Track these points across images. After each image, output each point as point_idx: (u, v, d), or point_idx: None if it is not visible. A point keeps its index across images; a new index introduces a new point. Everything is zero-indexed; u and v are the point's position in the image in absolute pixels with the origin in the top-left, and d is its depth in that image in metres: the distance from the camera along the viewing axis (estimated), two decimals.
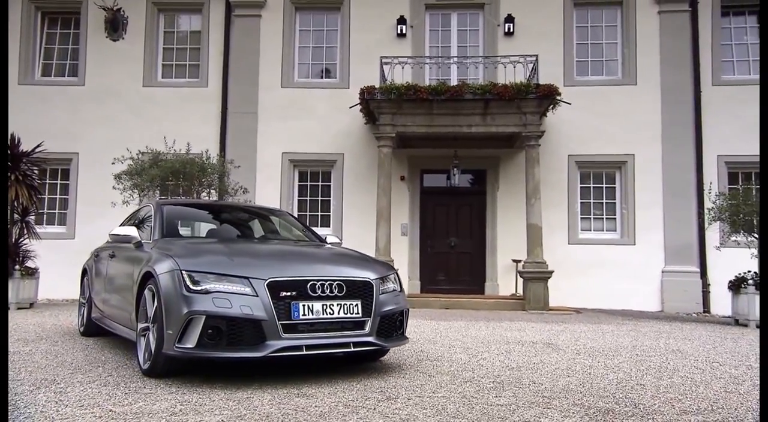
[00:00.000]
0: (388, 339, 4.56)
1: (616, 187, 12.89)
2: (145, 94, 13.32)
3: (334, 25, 13.57)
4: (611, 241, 12.62)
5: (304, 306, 4.11)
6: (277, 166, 13.04)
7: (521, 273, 11.43)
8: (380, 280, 4.59)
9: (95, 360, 4.99)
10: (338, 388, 3.96)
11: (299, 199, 13.30)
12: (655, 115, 12.65)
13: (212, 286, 4.04)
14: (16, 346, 5.62)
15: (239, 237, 5.98)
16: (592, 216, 12.90)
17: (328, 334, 4.18)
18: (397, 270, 5.22)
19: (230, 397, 3.65)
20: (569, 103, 11.60)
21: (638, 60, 12.84)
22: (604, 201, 12.92)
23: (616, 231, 12.80)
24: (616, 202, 12.86)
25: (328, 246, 5.65)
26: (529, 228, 11.32)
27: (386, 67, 11.76)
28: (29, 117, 12.84)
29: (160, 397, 3.63)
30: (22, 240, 10.61)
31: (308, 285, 4.18)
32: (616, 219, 12.84)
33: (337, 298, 4.24)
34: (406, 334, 4.91)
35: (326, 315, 4.17)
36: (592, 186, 12.96)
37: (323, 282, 4.23)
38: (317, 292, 4.18)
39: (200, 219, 6.34)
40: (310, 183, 13.36)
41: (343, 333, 4.24)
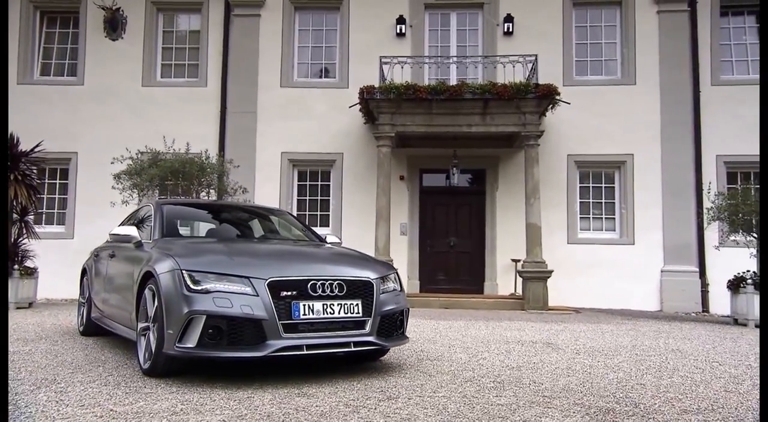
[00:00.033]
0: (388, 338, 4.56)
1: (615, 187, 12.91)
2: (144, 94, 13.32)
3: (333, 25, 13.57)
4: (610, 241, 12.64)
5: (304, 305, 4.11)
6: (276, 166, 13.04)
7: (520, 272, 11.44)
8: (380, 280, 4.60)
9: (95, 359, 4.99)
10: (339, 388, 3.96)
11: (298, 199, 13.31)
12: (654, 115, 12.67)
13: (213, 286, 4.04)
14: (15, 346, 5.61)
15: (239, 236, 5.97)
16: (591, 215, 12.91)
17: (328, 334, 4.18)
18: (396, 269, 5.22)
19: (231, 397, 3.65)
20: (568, 103, 11.62)
21: (637, 60, 12.85)
22: (603, 200, 12.93)
23: (615, 230, 12.81)
24: (615, 202, 12.88)
25: (328, 245, 5.65)
26: (528, 227, 11.33)
27: (385, 67, 11.76)
28: (28, 116, 12.82)
29: (160, 397, 3.63)
30: (21, 239, 10.61)
31: (309, 284, 4.17)
32: (615, 218, 12.85)
33: (337, 298, 4.24)
34: (406, 334, 4.91)
35: (327, 314, 4.17)
36: (591, 185, 12.98)
37: (324, 281, 4.23)
38: (318, 292, 4.18)
39: (200, 218, 6.34)
40: (309, 182, 13.36)
41: (343, 332, 4.24)
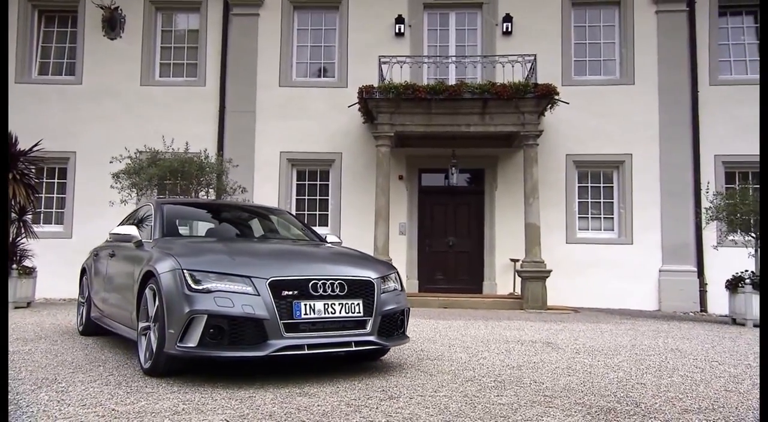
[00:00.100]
0: (389, 338, 4.56)
1: (613, 187, 12.92)
2: (142, 93, 13.29)
3: (332, 24, 13.56)
4: (609, 241, 12.65)
5: (305, 305, 4.11)
6: (275, 165, 13.03)
7: (519, 272, 11.45)
8: (381, 279, 4.60)
9: (95, 359, 4.98)
10: (340, 387, 3.96)
11: (297, 198, 13.30)
12: (652, 115, 12.69)
13: (214, 285, 4.04)
14: (15, 345, 5.60)
15: (239, 236, 5.96)
16: (589, 215, 12.93)
17: (329, 333, 4.18)
18: (397, 269, 5.22)
19: (232, 396, 3.65)
20: (567, 103, 11.63)
21: (636, 60, 12.87)
22: (601, 200, 12.95)
23: (613, 230, 12.83)
24: (613, 202, 12.89)
25: (328, 245, 5.65)
26: (527, 227, 11.34)
27: (384, 67, 11.76)
28: (26, 116, 12.79)
29: (162, 396, 3.63)
30: (19, 239, 10.58)
31: (310, 284, 4.17)
32: (613, 218, 12.86)
33: (338, 297, 4.24)
34: (406, 333, 4.92)
35: (328, 314, 4.17)
36: (589, 185, 12.99)
37: (325, 281, 4.23)
38: (319, 291, 4.18)
39: (200, 218, 6.33)
40: (308, 182, 13.35)
41: (344, 332, 4.24)
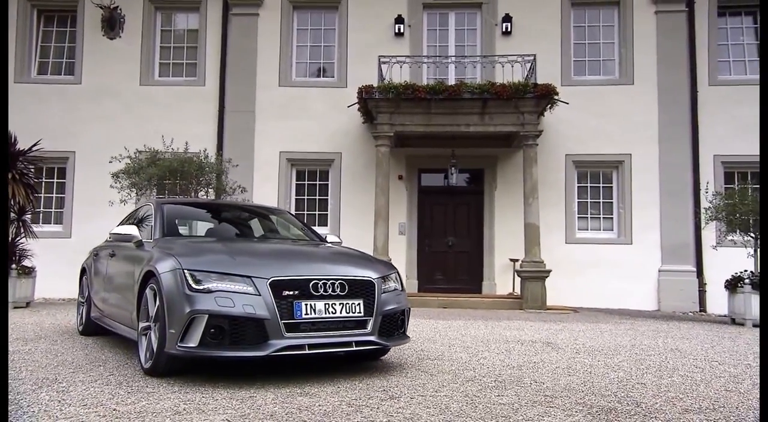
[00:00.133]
0: (389, 338, 4.56)
1: (613, 187, 12.93)
2: (142, 93, 13.28)
3: (331, 24, 13.56)
4: (608, 241, 12.66)
5: (306, 305, 4.11)
6: (274, 165, 13.03)
7: (519, 272, 11.46)
8: (382, 279, 4.60)
9: (96, 359, 4.98)
10: (341, 387, 3.96)
11: (297, 198, 13.30)
12: (652, 115, 12.70)
13: (214, 285, 4.03)
14: (15, 345, 5.60)
15: (239, 236, 5.97)
16: (589, 215, 12.94)
17: (330, 333, 4.18)
18: (397, 269, 5.23)
19: (233, 396, 3.65)
20: (567, 103, 11.64)
21: (635, 60, 12.88)
22: (601, 200, 12.96)
23: (613, 230, 12.84)
24: (613, 202, 12.90)
25: (328, 245, 5.66)
26: (526, 227, 11.35)
27: (384, 67, 11.77)
28: (25, 115, 12.78)
29: (163, 396, 3.63)
30: (18, 239, 10.57)
31: (311, 284, 4.17)
32: (613, 218, 12.87)
33: (339, 297, 4.24)
34: (407, 333, 4.92)
35: (328, 314, 4.17)
36: (589, 185, 13.00)
37: (325, 281, 4.23)
38: (320, 291, 4.17)
39: (200, 218, 6.33)
40: (307, 182, 13.35)
41: (345, 332, 4.24)
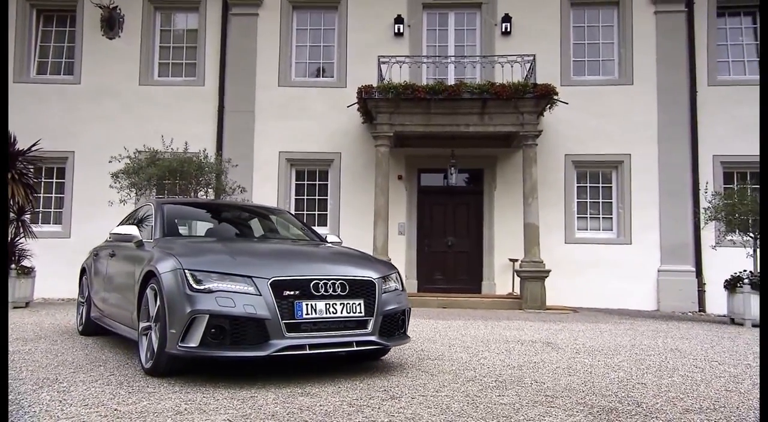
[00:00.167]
0: (390, 338, 4.56)
1: (612, 187, 12.94)
2: (141, 93, 13.27)
3: (331, 24, 13.55)
4: (607, 241, 12.67)
5: (307, 305, 4.11)
6: (274, 165, 13.03)
7: (518, 272, 11.46)
8: (382, 279, 4.60)
9: (96, 359, 4.98)
10: (341, 387, 3.96)
11: (296, 198, 13.30)
12: (651, 115, 12.71)
13: (215, 285, 4.03)
14: (15, 345, 5.59)
15: (239, 236, 5.96)
16: (588, 215, 12.94)
17: (331, 333, 4.18)
18: (398, 269, 5.23)
19: (234, 396, 3.65)
20: (566, 103, 11.64)
21: (635, 60, 12.89)
22: (600, 200, 12.96)
23: (612, 230, 12.84)
24: (612, 202, 12.90)
25: (328, 245, 5.66)
26: (526, 227, 11.36)
27: (384, 67, 11.77)
28: (24, 115, 12.77)
29: (164, 396, 3.63)
30: (18, 239, 10.56)
31: (311, 284, 4.17)
32: (612, 218, 12.88)
33: (340, 297, 4.24)
34: (407, 333, 4.92)
35: (329, 314, 4.17)
36: (588, 185, 13.01)
37: (326, 281, 4.23)
38: (320, 291, 4.17)
39: (200, 218, 6.32)
40: (307, 182, 13.35)
41: (346, 332, 4.24)
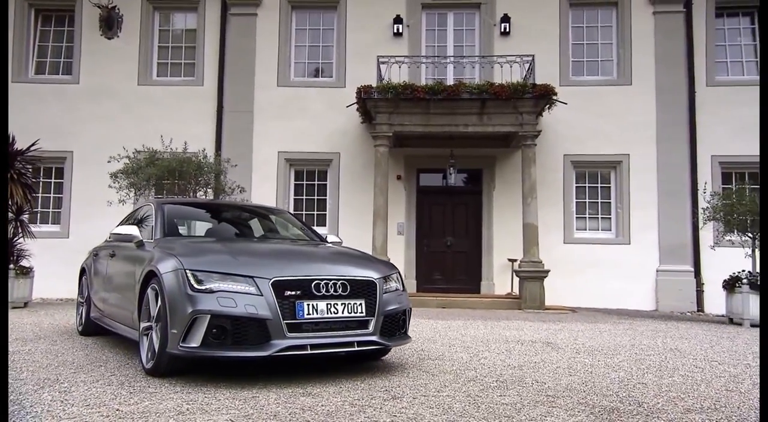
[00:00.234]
0: (391, 338, 4.57)
1: (611, 187, 12.95)
2: (140, 93, 13.26)
3: (330, 24, 13.55)
4: (606, 241, 12.68)
5: (308, 305, 4.11)
6: (273, 165, 13.02)
7: (517, 272, 11.47)
8: (383, 279, 4.60)
9: (96, 359, 4.97)
10: (343, 387, 3.97)
11: (295, 198, 13.29)
12: (650, 115, 12.72)
13: (216, 285, 4.03)
14: (15, 346, 5.59)
15: (239, 236, 5.96)
16: (587, 215, 12.95)
17: (332, 333, 4.18)
18: (398, 269, 5.23)
19: (236, 396, 3.65)
20: (565, 103, 11.65)
21: (633, 60, 12.91)
22: (599, 200, 12.98)
23: (611, 230, 12.86)
24: (611, 202, 12.92)
25: (329, 245, 5.66)
26: (525, 227, 11.36)
27: (383, 67, 11.77)
28: (23, 115, 12.75)
29: (165, 396, 3.62)
30: (16, 239, 10.55)
31: (313, 284, 4.17)
32: (611, 218, 12.90)
33: (341, 297, 4.24)
34: (408, 333, 4.92)
35: (330, 314, 4.17)
36: (587, 185, 13.02)
37: (327, 281, 4.23)
38: (321, 291, 4.17)
39: (201, 218, 6.32)
40: (306, 182, 13.34)
41: (347, 332, 4.24)
